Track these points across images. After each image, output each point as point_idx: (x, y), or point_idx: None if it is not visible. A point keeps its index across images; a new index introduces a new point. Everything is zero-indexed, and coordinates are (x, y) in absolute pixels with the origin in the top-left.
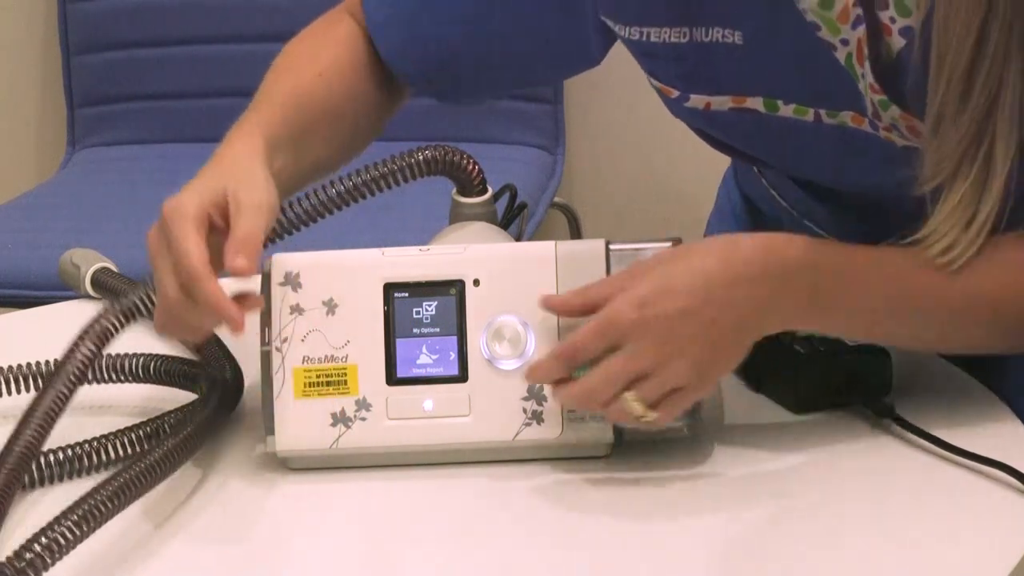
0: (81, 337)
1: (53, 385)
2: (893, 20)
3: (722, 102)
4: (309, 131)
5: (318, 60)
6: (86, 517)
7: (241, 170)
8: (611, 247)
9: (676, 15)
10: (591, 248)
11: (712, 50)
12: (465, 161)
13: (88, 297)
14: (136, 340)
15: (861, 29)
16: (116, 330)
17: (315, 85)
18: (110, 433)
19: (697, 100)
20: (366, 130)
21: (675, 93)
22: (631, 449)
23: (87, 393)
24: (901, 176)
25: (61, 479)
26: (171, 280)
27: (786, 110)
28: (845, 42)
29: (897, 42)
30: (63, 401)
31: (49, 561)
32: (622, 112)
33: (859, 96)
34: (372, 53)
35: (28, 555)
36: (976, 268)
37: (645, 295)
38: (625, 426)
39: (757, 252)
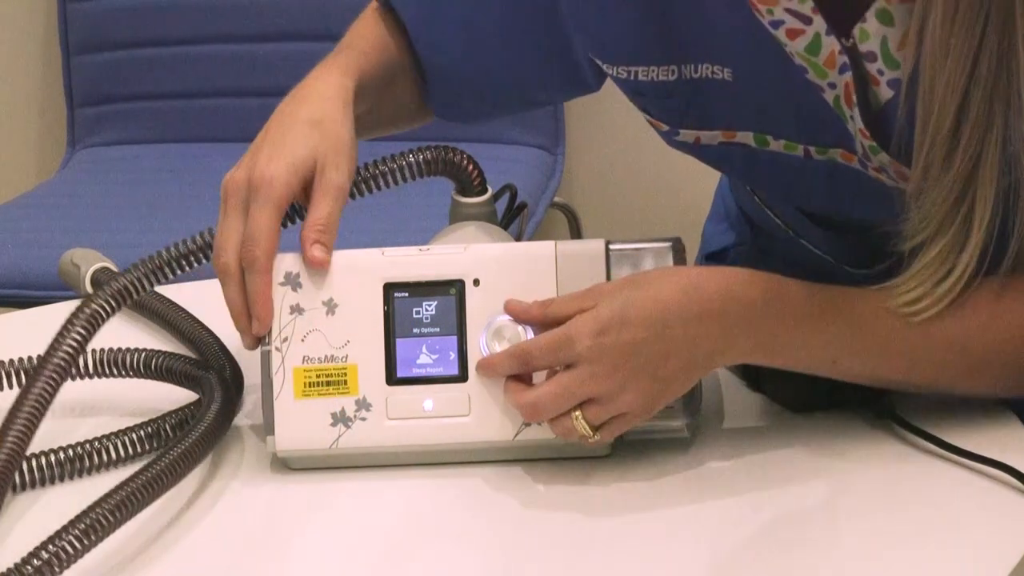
0: (70, 322)
1: (41, 374)
2: (881, 72)
3: (712, 136)
4: (395, 74)
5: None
6: (93, 527)
7: (332, 135)
8: (611, 247)
9: (664, 54)
10: (591, 248)
11: (702, 86)
12: (465, 161)
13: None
14: (138, 338)
15: (848, 75)
16: (106, 314)
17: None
18: (110, 433)
19: (687, 135)
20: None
21: (665, 127)
22: (631, 449)
23: (86, 392)
24: (893, 209)
25: (62, 479)
26: (234, 244)
27: (776, 145)
28: (832, 86)
29: (885, 92)
30: (52, 390)
31: (57, 570)
32: (622, 112)
33: (848, 135)
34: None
35: (36, 562)
36: (943, 313)
37: (604, 322)
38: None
39: (718, 291)
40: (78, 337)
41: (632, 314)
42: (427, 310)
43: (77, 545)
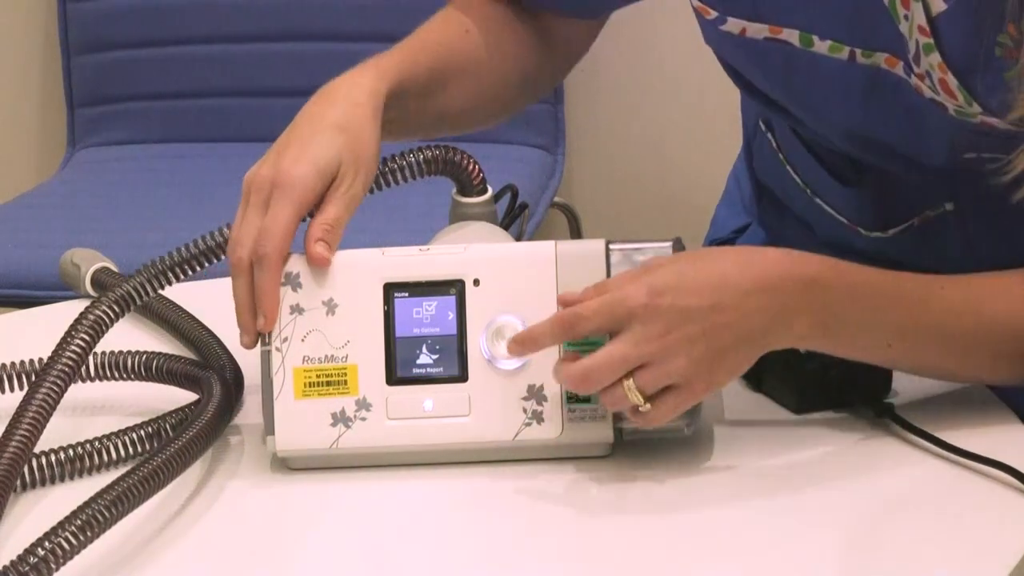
0: (73, 328)
1: (44, 380)
2: None
3: (758, 30)
4: (444, 80)
5: (462, 20)
6: (89, 523)
7: (357, 144)
8: (611, 247)
9: None
10: (591, 248)
11: None
12: (466, 161)
13: (88, 297)
14: (138, 339)
15: None
16: (110, 320)
17: (460, 38)
18: (111, 433)
19: (733, 24)
20: (518, 86)
21: (712, 14)
22: (631, 449)
23: (87, 393)
24: (919, 137)
25: (62, 479)
26: (252, 239)
27: (821, 46)
28: None
29: (938, 5)
30: (55, 397)
31: (53, 566)
32: (622, 112)
33: (898, 37)
34: (511, 4)
35: (32, 559)
36: (999, 297)
37: (659, 284)
38: (626, 426)
39: (776, 265)
40: (81, 343)
41: (688, 282)
42: (427, 310)
43: (73, 541)
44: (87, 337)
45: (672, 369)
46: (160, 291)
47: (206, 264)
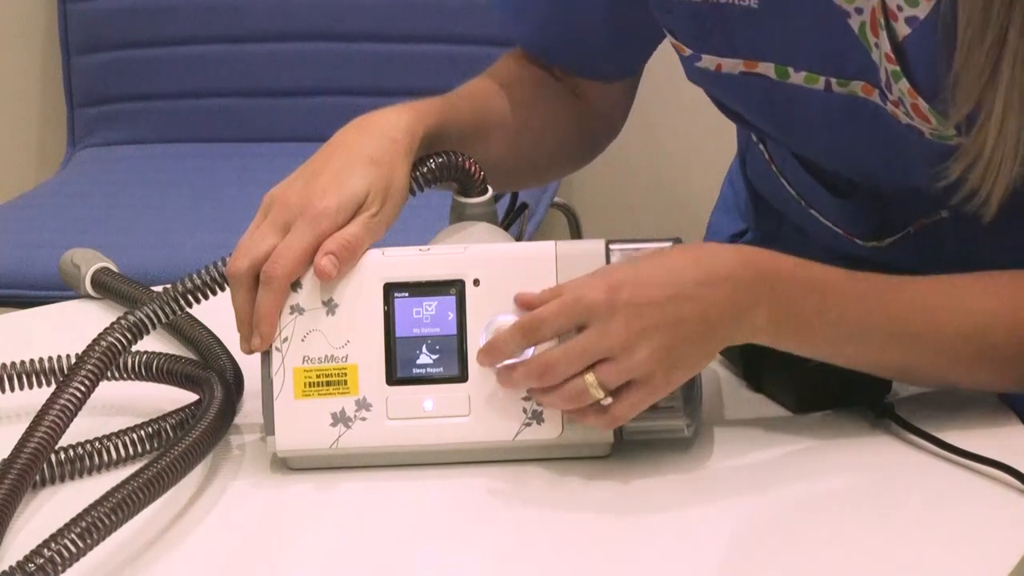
0: (85, 355)
1: (71, 380)
2: (900, 8)
3: (733, 65)
4: (481, 130)
5: (495, 81)
6: (92, 527)
7: (388, 178)
8: (611, 247)
9: None
10: (591, 248)
11: (727, 12)
12: (468, 164)
13: (88, 297)
14: None
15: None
16: (126, 343)
17: (495, 94)
18: (111, 434)
19: (708, 61)
20: (553, 147)
21: (687, 51)
22: (631, 449)
23: None
24: (902, 161)
25: (63, 479)
26: (255, 254)
27: (796, 77)
28: (860, 11)
29: (903, 29)
30: (80, 398)
31: (60, 568)
32: None
33: (871, 65)
34: (540, 66)
35: (37, 561)
36: (952, 300)
37: (616, 281)
38: (626, 426)
39: (732, 257)
40: (93, 369)
41: (644, 276)
42: (427, 310)
43: (77, 545)
44: (99, 363)
45: (633, 362)
46: (174, 316)
47: (220, 291)
